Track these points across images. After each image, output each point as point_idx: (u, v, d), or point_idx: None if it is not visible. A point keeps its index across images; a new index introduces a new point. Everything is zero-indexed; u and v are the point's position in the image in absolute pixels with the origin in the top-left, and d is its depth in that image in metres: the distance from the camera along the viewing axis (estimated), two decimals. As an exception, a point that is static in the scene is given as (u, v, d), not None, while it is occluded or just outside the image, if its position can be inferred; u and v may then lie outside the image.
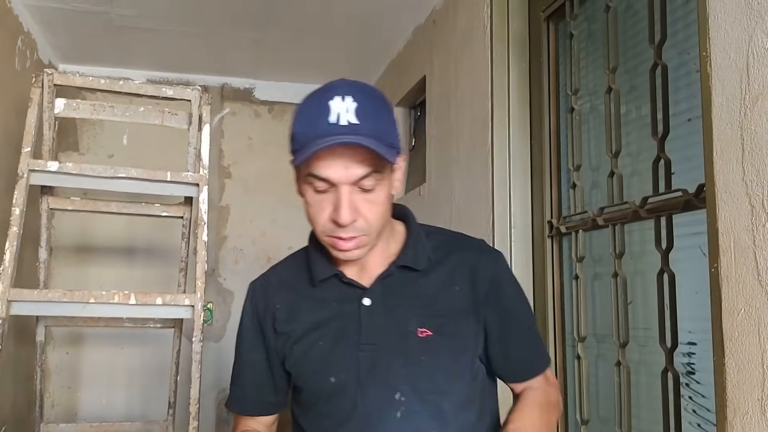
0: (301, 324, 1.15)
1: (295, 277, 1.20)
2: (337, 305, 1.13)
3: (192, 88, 2.38)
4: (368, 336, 1.10)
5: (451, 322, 1.11)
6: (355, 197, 1.02)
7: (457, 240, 1.23)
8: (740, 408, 1.09)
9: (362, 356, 1.09)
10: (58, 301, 2.01)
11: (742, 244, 1.10)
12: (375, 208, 1.04)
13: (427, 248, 1.16)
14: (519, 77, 2.14)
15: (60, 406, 3.53)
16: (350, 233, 1.03)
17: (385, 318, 1.11)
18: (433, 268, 1.14)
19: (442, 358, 1.10)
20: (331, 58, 3.55)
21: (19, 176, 2.07)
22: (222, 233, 3.84)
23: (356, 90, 1.01)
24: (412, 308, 1.11)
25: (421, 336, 1.09)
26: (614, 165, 1.69)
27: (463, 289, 1.14)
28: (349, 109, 0.99)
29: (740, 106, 1.12)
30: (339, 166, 1.00)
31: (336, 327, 1.12)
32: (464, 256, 1.17)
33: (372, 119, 1.00)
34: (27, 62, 3.01)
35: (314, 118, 1.00)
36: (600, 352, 1.80)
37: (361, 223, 1.03)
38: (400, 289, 1.13)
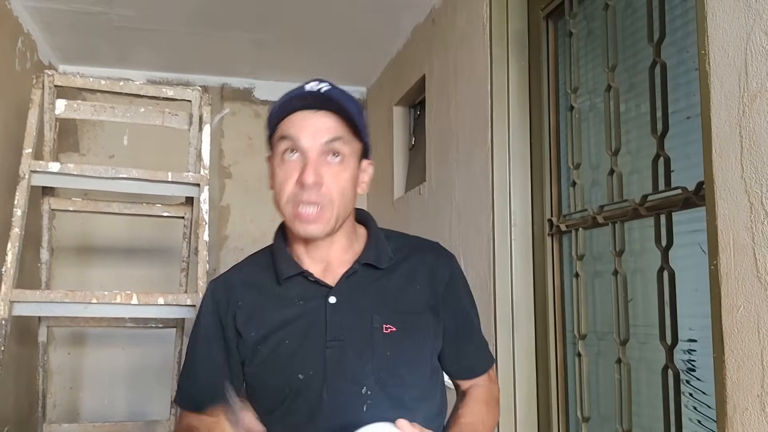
0: (266, 323, 1.16)
1: (258, 276, 1.21)
2: (302, 303, 1.15)
3: (192, 89, 2.39)
4: (335, 333, 1.12)
5: (413, 319, 1.16)
6: (321, 166, 1.08)
7: (415, 242, 1.28)
8: (740, 404, 1.10)
9: (329, 353, 1.12)
10: (60, 302, 2.01)
11: (741, 241, 1.11)
12: (339, 181, 1.09)
13: (388, 249, 1.20)
14: (518, 76, 2.15)
15: (62, 407, 3.53)
16: (314, 198, 1.07)
17: (350, 315, 1.14)
18: (395, 268, 1.19)
19: (405, 353, 1.14)
20: (331, 58, 3.55)
21: (21, 177, 2.07)
22: (223, 233, 3.84)
23: (329, 83, 1.13)
24: (377, 305, 1.15)
25: (385, 332, 1.13)
26: (614, 163, 1.69)
27: (423, 289, 1.19)
28: (322, 89, 1.10)
29: (739, 103, 1.12)
30: (309, 129, 1.08)
31: (302, 325, 1.14)
32: (423, 257, 1.23)
33: (344, 96, 1.11)
34: (27, 63, 3.01)
35: (288, 97, 1.11)
36: (600, 349, 1.80)
37: (325, 189, 1.08)
38: (365, 288, 1.16)
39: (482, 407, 1.24)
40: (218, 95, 3.86)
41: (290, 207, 1.10)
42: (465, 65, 2.42)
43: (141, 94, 2.35)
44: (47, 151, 2.32)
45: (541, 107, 2.06)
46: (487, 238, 2.13)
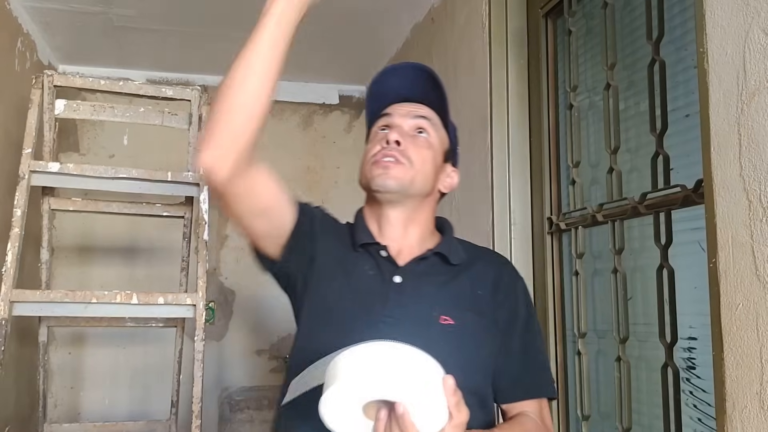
0: (334, 277, 1.17)
1: (341, 236, 1.24)
2: (371, 274, 1.16)
3: (192, 88, 2.39)
4: (392, 310, 1.11)
5: (473, 319, 1.14)
6: (406, 135, 1.16)
7: (484, 251, 1.33)
8: (739, 402, 1.10)
9: (382, 326, 1.09)
10: (61, 302, 2.02)
11: (740, 239, 1.11)
12: (420, 151, 1.16)
13: (461, 250, 1.22)
14: (517, 74, 2.15)
15: (63, 406, 3.54)
16: (393, 152, 1.13)
17: (412, 298, 1.13)
18: (463, 269, 1.19)
19: (459, 349, 1.10)
20: (330, 57, 3.55)
21: (21, 177, 2.08)
22: (223, 232, 3.85)
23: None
24: (439, 297, 1.14)
25: (443, 323, 1.11)
26: (613, 161, 1.69)
27: (486, 295, 1.18)
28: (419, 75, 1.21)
29: (737, 101, 1.12)
30: (402, 110, 1.19)
31: (364, 294, 1.14)
32: (492, 265, 1.24)
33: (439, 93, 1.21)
34: (27, 63, 3.02)
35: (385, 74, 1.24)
36: (600, 347, 1.81)
37: (403, 147, 1.14)
38: (430, 277, 1.16)
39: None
40: (218, 95, 3.86)
41: (370, 163, 1.16)
42: (464, 64, 2.42)
43: (140, 93, 2.36)
44: (47, 151, 2.32)
45: (540, 105, 2.06)
46: (486, 236, 2.13)
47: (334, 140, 4.04)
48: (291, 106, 3.99)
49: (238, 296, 3.81)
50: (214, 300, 3.75)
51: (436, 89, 1.20)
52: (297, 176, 3.95)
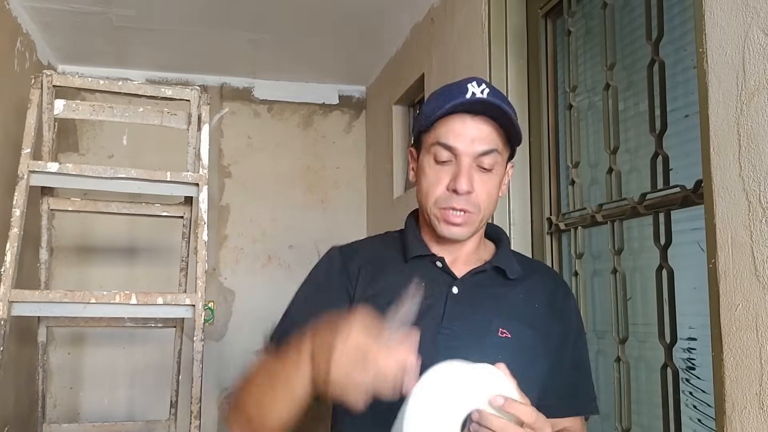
0: (385, 294, 1.11)
1: (384, 252, 1.20)
2: (425, 285, 1.10)
3: (191, 88, 2.39)
4: (450, 322, 1.10)
5: (529, 333, 1.13)
6: (473, 172, 1.09)
7: (538, 265, 1.32)
8: (738, 402, 1.10)
9: (441, 338, 1.09)
10: (60, 302, 2.02)
11: (740, 239, 1.11)
12: (487, 189, 1.10)
13: (516, 264, 1.19)
14: (517, 74, 2.15)
15: (62, 407, 3.53)
16: (463, 205, 1.08)
17: (469, 310, 1.12)
18: (520, 282, 1.17)
19: (516, 363, 1.06)
20: (330, 57, 3.55)
21: (20, 177, 2.08)
22: (222, 233, 3.84)
23: (487, 83, 1.11)
24: (496, 309, 1.13)
25: (500, 336, 1.11)
26: (612, 161, 1.69)
27: (542, 310, 1.17)
28: (484, 91, 1.07)
29: (736, 102, 1.12)
30: (466, 137, 1.07)
31: (420, 306, 1.10)
32: (546, 279, 1.22)
33: (505, 102, 1.09)
34: (26, 63, 3.01)
35: (450, 92, 1.09)
36: (600, 348, 1.80)
37: (474, 197, 1.09)
38: (488, 289, 1.15)
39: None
40: (217, 95, 3.86)
41: (437, 209, 1.11)
42: (464, 64, 2.42)
43: (140, 93, 2.35)
44: (46, 151, 2.32)
45: (539, 106, 2.06)
46: (486, 237, 2.13)
47: (333, 140, 4.04)
48: (291, 106, 3.99)
49: (238, 297, 3.81)
50: (213, 300, 3.75)
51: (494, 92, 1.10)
52: (297, 176, 3.95)
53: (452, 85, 1.11)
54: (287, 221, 3.89)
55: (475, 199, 1.09)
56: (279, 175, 3.91)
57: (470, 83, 1.08)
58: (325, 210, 3.97)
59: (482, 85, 1.08)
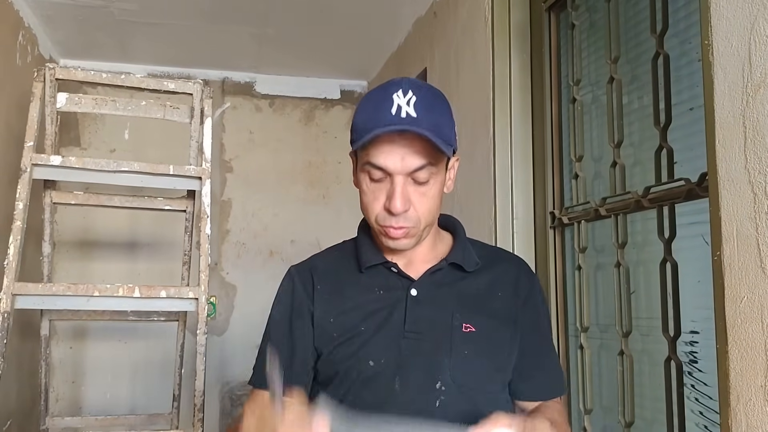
0: (343, 309, 1.14)
1: (339, 265, 1.20)
2: (383, 293, 1.14)
3: (194, 82, 2.39)
4: (413, 325, 1.11)
5: (493, 324, 1.14)
6: (408, 188, 1.06)
7: (499, 252, 1.30)
8: (743, 395, 1.10)
9: (405, 343, 1.10)
10: (63, 295, 2.01)
11: (745, 232, 1.11)
12: (427, 201, 1.08)
13: (474, 254, 1.19)
14: (520, 68, 2.14)
15: (64, 401, 3.54)
16: (401, 223, 1.07)
17: (431, 310, 1.12)
18: (479, 273, 1.17)
19: (483, 355, 1.12)
20: (332, 52, 3.55)
21: (22, 170, 2.07)
22: (224, 227, 3.85)
23: (418, 86, 1.06)
24: (458, 304, 1.13)
25: (465, 331, 1.11)
26: (616, 155, 1.69)
27: (505, 297, 1.17)
28: (410, 102, 1.03)
29: (742, 94, 1.12)
30: (396, 155, 1.04)
31: (380, 314, 1.12)
32: (507, 267, 1.22)
33: (431, 113, 1.05)
34: (28, 57, 3.01)
35: (376, 108, 1.05)
36: (603, 342, 1.80)
37: (412, 213, 1.07)
38: (447, 285, 1.15)
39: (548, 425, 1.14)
40: (219, 89, 3.86)
41: (378, 225, 1.10)
42: (467, 58, 2.41)
43: (142, 87, 2.35)
44: (49, 144, 2.32)
45: (543, 100, 2.06)
46: (488, 231, 2.13)
47: (335, 135, 4.04)
48: (292, 101, 3.98)
49: (239, 291, 3.81)
50: (215, 295, 3.75)
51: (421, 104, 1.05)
52: (298, 171, 3.95)
53: (379, 94, 1.07)
54: (289, 216, 3.89)
55: (413, 214, 1.08)
56: (280, 170, 3.91)
57: (396, 92, 1.05)
58: (327, 205, 3.97)
59: (408, 93, 1.05)
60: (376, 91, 1.09)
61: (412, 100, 1.04)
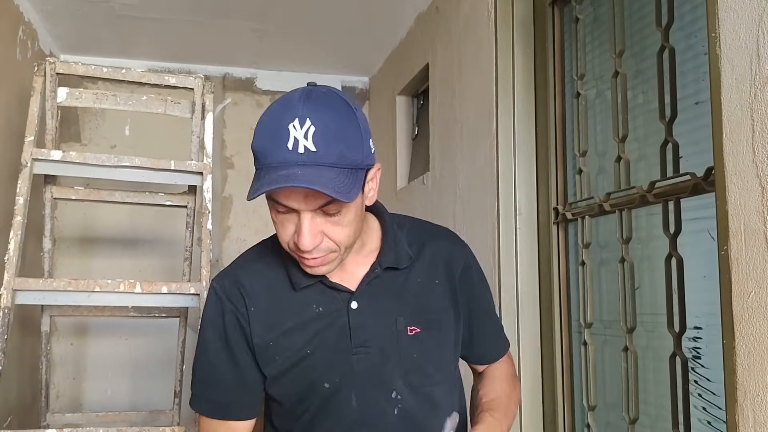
0: (282, 332, 1.10)
1: (269, 281, 1.13)
2: (322, 310, 1.10)
3: (195, 77, 2.37)
4: (359, 339, 1.09)
5: (436, 317, 1.15)
6: (318, 221, 0.98)
7: (428, 230, 1.24)
8: (750, 390, 1.09)
9: (356, 359, 1.09)
10: (63, 290, 2.00)
11: (753, 226, 1.10)
12: (342, 229, 1.00)
13: (405, 245, 1.15)
14: (524, 63, 2.13)
15: (65, 397, 3.53)
16: (315, 255, 1.00)
17: (374, 319, 1.10)
18: (414, 264, 1.15)
19: (432, 352, 1.13)
20: (333, 47, 3.53)
21: (23, 165, 2.06)
22: (225, 224, 3.84)
23: (315, 108, 0.96)
24: (399, 307, 1.12)
25: (410, 334, 1.11)
26: (621, 150, 1.68)
27: (442, 282, 1.17)
28: (308, 133, 0.93)
29: (750, 86, 1.11)
30: (298, 195, 0.95)
31: (324, 333, 1.09)
32: (438, 246, 1.19)
33: (332, 142, 0.94)
34: (28, 52, 3.00)
35: (273, 138, 0.95)
36: (607, 338, 1.79)
37: (327, 244, 1.00)
38: (385, 290, 1.12)
39: (503, 384, 1.25)
40: (220, 85, 3.85)
41: (293, 253, 1.04)
42: (469, 53, 2.40)
43: (143, 81, 2.34)
44: (49, 139, 2.31)
45: (546, 94, 2.04)
46: (491, 227, 2.12)
47: (336, 131, 4.02)
48: (293, 97, 3.96)
49: (241, 287, 3.80)
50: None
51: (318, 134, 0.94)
52: (299, 167, 3.93)
53: (275, 120, 0.96)
54: (290, 212, 3.88)
55: (326, 244, 1.00)
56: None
57: (292, 122, 0.94)
58: (328, 201, 3.96)
59: (306, 122, 0.93)
60: (274, 113, 0.98)
61: (310, 132, 0.93)
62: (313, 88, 1.02)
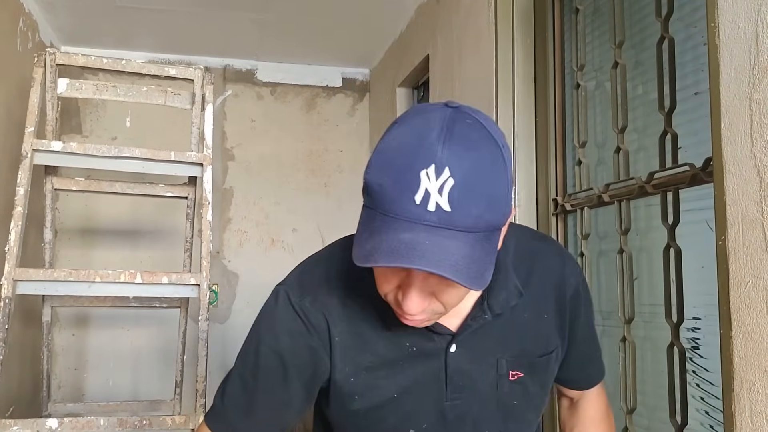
0: (367, 367, 0.95)
1: (356, 306, 0.95)
2: (415, 350, 0.95)
3: (194, 68, 2.37)
4: (456, 386, 0.96)
5: (542, 358, 1.01)
6: (431, 281, 0.80)
7: (534, 249, 1.03)
8: (747, 380, 1.09)
9: (449, 406, 0.96)
10: (64, 281, 2.01)
11: (750, 216, 1.10)
12: (456, 293, 0.83)
13: (513, 277, 0.97)
14: (524, 54, 2.12)
15: (66, 388, 3.55)
16: (419, 317, 0.84)
17: (473, 365, 0.96)
18: (522, 297, 0.97)
19: (534, 398, 1.01)
20: (334, 39, 3.53)
21: (23, 156, 2.07)
22: (226, 215, 3.84)
23: (458, 154, 0.74)
24: (502, 349, 0.97)
25: (512, 379, 0.98)
26: (620, 141, 1.68)
27: (551, 316, 1.01)
28: (443, 187, 0.73)
29: (749, 77, 1.11)
30: (418, 273, 0.79)
31: (416, 376, 0.95)
32: (547, 270, 1.01)
33: (474, 201, 0.74)
34: (29, 44, 2.99)
35: (397, 182, 0.74)
36: (605, 328, 1.80)
37: (435, 306, 0.83)
38: (488, 331, 0.96)
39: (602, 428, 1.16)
40: (221, 77, 3.84)
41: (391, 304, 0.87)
42: (469, 44, 2.39)
43: (143, 72, 2.34)
44: (49, 130, 2.31)
45: (546, 85, 2.04)
46: (491, 217, 2.12)
47: (337, 123, 4.02)
48: (294, 89, 3.97)
49: (241, 279, 3.81)
50: (217, 283, 3.75)
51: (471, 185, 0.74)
52: (300, 160, 3.94)
53: (401, 162, 0.75)
54: (290, 205, 3.88)
55: (434, 307, 0.83)
56: (282, 159, 3.90)
57: (426, 169, 0.73)
58: (328, 194, 3.97)
59: (444, 172, 0.73)
60: (403, 148, 0.76)
61: (447, 186, 0.72)
62: (456, 116, 0.78)
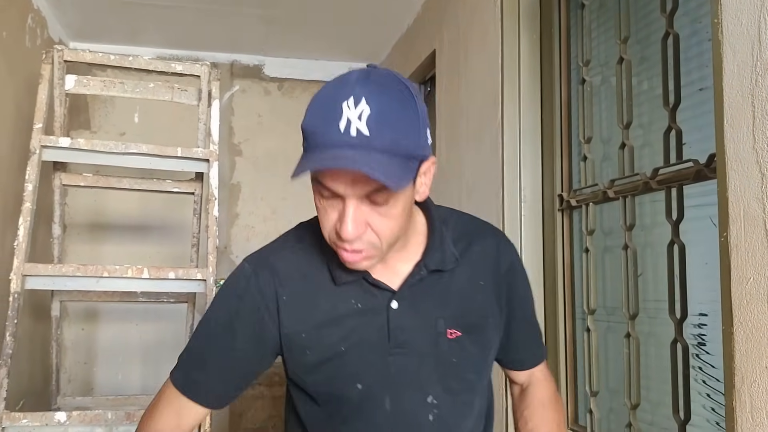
0: (317, 324, 1.04)
1: (309, 268, 1.06)
2: (361, 306, 1.04)
3: (201, 64, 2.39)
4: (397, 340, 1.03)
5: (478, 320, 1.08)
6: (364, 209, 0.91)
7: (473, 227, 1.15)
8: (748, 376, 1.09)
9: (392, 360, 1.03)
10: (73, 276, 2.03)
11: (752, 212, 1.10)
12: (388, 222, 0.93)
13: (451, 245, 1.08)
14: (530, 49, 2.12)
15: (76, 381, 3.59)
16: (356, 246, 0.93)
17: (413, 321, 1.04)
18: (459, 264, 1.08)
19: (472, 357, 1.07)
20: (341, 34, 3.53)
21: (32, 152, 2.09)
22: (233, 211, 3.86)
23: (372, 90, 0.89)
24: (441, 308, 1.06)
25: (450, 337, 1.05)
26: (625, 136, 1.68)
27: (487, 283, 1.10)
28: (362, 115, 0.86)
29: (751, 73, 1.10)
30: (346, 178, 0.89)
31: (360, 330, 1.03)
32: (484, 245, 1.11)
33: (387, 127, 0.87)
34: (37, 40, 3.01)
35: (324, 117, 0.89)
36: (610, 324, 1.80)
37: (370, 236, 0.93)
38: (427, 289, 1.05)
39: (550, 412, 1.17)
40: (228, 72, 3.86)
41: (333, 244, 0.97)
42: (476, 39, 2.39)
43: (150, 69, 2.35)
44: (58, 126, 2.33)
45: (552, 81, 2.04)
46: (496, 213, 2.12)
47: (344, 118, 4.02)
48: (301, 84, 3.97)
49: (249, 274, 3.83)
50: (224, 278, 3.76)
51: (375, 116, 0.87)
52: (307, 154, 3.94)
53: (329, 97, 0.90)
54: (297, 200, 3.89)
55: (371, 237, 0.93)
56: (289, 154, 3.90)
57: (346, 100, 0.87)
58: (336, 188, 3.97)
59: (361, 103, 0.87)
60: (329, 93, 0.91)
61: (364, 114, 0.86)
62: (372, 69, 0.95)
